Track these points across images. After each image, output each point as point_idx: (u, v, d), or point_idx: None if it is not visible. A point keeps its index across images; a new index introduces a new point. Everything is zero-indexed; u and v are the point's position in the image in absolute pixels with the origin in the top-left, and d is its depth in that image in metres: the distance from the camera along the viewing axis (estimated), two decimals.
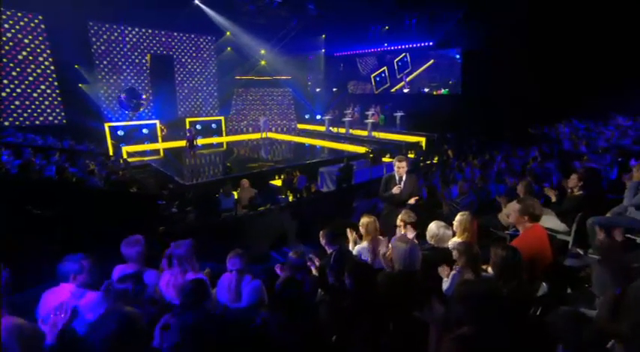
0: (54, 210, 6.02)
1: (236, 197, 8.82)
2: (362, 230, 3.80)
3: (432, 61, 18.51)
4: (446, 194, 6.59)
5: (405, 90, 19.85)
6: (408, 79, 19.62)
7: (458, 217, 3.68)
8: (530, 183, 5.31)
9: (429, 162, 12.51)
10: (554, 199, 5.13)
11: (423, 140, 16.27)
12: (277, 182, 11.09)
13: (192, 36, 19.08)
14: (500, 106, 14.17)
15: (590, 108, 11.95)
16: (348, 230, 3.99)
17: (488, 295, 1.98)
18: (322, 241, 3.60)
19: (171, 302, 2.77)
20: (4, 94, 14.40)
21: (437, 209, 6.38)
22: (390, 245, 3.11)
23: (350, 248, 3.84)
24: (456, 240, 3.56)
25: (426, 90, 19.01)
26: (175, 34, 18.47)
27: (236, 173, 11.50)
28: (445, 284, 2.95)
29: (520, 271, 2.62)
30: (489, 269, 2.88)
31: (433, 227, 3.50)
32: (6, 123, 14.37)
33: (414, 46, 18.72)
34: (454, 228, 3.65)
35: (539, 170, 7.37)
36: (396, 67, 19.95)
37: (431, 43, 17.88)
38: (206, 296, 2.45)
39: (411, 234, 3.75)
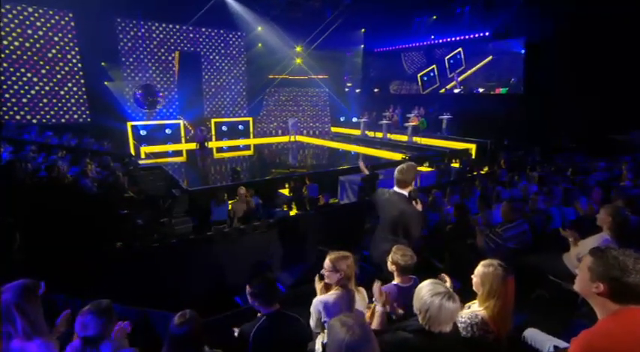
0: (16, 215, 5.20)
1: (230, 207, 7.65)
2: (325, 274, 2.55)
3: (490, 58, 15.83)
4: (480, 219, 4.51)
5: (456, 91, 17.32)
6: (460, 78, 17.06)
7: (480, 269, 2.14)
8: (622, 210, 3.31)
9: (475, 173, 10.23)
10: None
11: (473, 147, 13.94)
12: (287, 191, 9.65)
13: (222, 31, 18.15)
14: (572, 107, 11.45)
15: None
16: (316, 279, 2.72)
17: None
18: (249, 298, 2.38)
19: None
20: (33, 92, 14.36)
21: (468, 239, 4.40)
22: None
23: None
24: (475, 308, 2.16)
25: (481, 90, 16.36)
26: (203, 29, 17.62)
27: (242, 179, 10.16)
28: None
29: None
30: None
31: (424, 291, 1.91)
32: (34, 121, 14.33)
33: (466, 37, 16.20)
34: (473, 286, 2.17)
35: (634, 189, 5.01)
36: (447, 65, 17.47)
37: (487, 34, 15.33)
38: None
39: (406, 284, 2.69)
